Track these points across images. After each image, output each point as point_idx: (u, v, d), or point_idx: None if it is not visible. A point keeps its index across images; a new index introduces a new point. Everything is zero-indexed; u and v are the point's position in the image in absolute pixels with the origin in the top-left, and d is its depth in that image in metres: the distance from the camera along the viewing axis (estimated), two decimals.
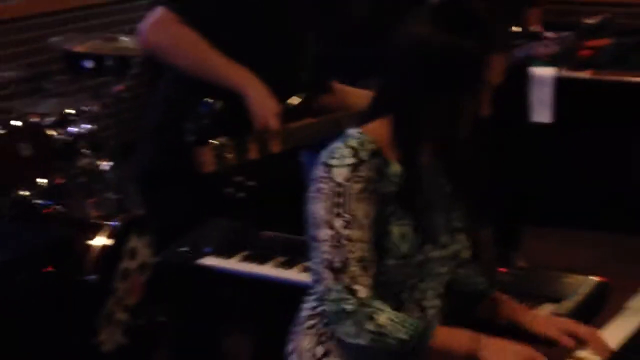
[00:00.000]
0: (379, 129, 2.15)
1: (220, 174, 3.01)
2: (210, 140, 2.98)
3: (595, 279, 2.63)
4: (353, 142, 2.11)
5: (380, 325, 2.07)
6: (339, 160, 2.09)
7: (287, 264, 2.82)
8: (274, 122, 3.05)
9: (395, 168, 2.13)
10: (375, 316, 2.07)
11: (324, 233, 2.09)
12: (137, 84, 5.23)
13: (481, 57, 2.07)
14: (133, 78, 5.59)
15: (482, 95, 2.13)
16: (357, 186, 2.07)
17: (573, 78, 5.59)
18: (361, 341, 2.08)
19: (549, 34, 4.71)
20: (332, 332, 2.18)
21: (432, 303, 2.24)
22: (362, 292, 2.07)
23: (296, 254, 2.80)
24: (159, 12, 3.13)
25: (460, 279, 2.37)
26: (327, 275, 2.08)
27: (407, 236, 2.13)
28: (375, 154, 2.11)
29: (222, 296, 3.07)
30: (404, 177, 2.12)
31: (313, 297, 2.24)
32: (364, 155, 2.09)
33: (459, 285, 2.37)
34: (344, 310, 2.07)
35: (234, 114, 3.06)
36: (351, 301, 2.07)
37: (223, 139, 3.00)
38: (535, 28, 4.62)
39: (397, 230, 2.12)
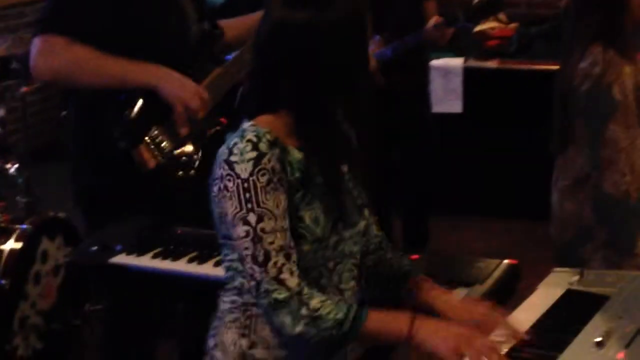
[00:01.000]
0: (272, 119, 2.14)
1: (162, 175, 3.02)
2: (145, 138, 3.00)
3: (506, 262, 2.67)
4: (250, 136, 2.09)
5: (314, 309, 2.07)
6: (239, 156, 2.07)
7: (201, 259, 2.81)
8: (195, 103, 3.06)
9: (296, 154, 2.13)
10: (308, 301, 2.07)
11: (240, 230, 2.07)
12: (44, 85, 5.13)
13: (364, 18, 2.11)
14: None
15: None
16: (263, 178, 2.07)
17: (480, 68, 5.69)
18: (299, 328, 2.06)
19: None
20: (257, 324, 2.17)
21: (349, 285, 2.24)
22: (290, 280, 2.07)
23: (210, 249, 2.79)
24: (43, 40, 3.08)
25: (385, 261, 2.38)
26: (254, 269, 2.07)
27: (319, 219, 2.13)
28: (274, 143, 2.10)
29: (138, 295, 3.04)
30: (307, 163, 2.13)
31: (232, 292, 2.22)
32: (263, 147, 2.08)
33: (385, 268, 2.38)
34: (276, 300, 2.06)
35: (155, 104, 3.07)
36: (282, 290, 2.06)
37: (152, 131, 3.01)
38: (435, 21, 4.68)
39: (309, 214, 2.12)
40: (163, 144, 3.06)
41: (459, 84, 5.63)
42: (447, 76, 5.63)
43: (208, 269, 2.77)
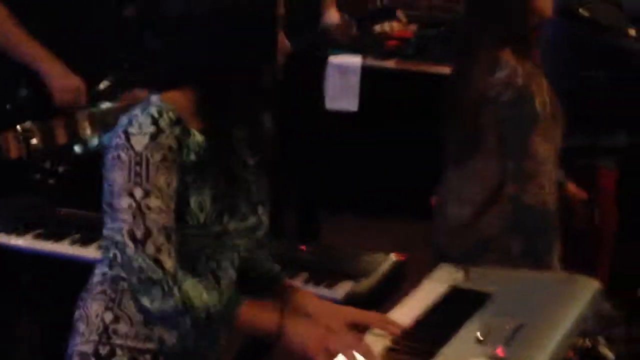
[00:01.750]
0: (179, 97, 2.11)
1: (28, 161, 2.95)
2: (16, 127, 2.93)
3: (393, 256, 2.67)
4: (153, 111, 2.06)
5: (185, 293, 2.04)
6: (138, 128, 2.04)
7: (84, 242, 2.74)
8: (69, 97, 3.01)
9: (197, 138, 2.09)
10: (180, 284, 2.04)
11: (124, 202, 2.03)
12: None
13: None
14: None
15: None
16: (157, 155, 2.03)
17: (378, 67, 5.71)
18: (167, 308, 2.03)
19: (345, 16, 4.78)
20: (123, 298, 2.14)
21: (227, 274, 2.21)
22: (167, 261, 2.04)
23: (94, 232, 2.72)
24: None
25: (256, 261, 2.36)
26: (130, 244, 2.03)
27: (205, 206, 2.10)
28: (176, 122, 2.07)
29: (14, 276, 2.96)
30: (206, 147, 2.09)
31: (104, 263, 2.17)
32: (163, 124, 2.05)
33: (254, 268, 2.35)
34: (149, 279, 2.03)
35: (41, 101, 3.02)
36: (157, 270, 2.02)
37: (27, 124, 2.94)
38: (331, 16, 4.69)
39: (195, 199, 2.09)
40: (32, 141, 2.99)
41: (356, 82, 5.63)
42: (344, 74, 5.63)
43: (91, 252, 2.71)
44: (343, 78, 5.64)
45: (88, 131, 3.07)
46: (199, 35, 2.09)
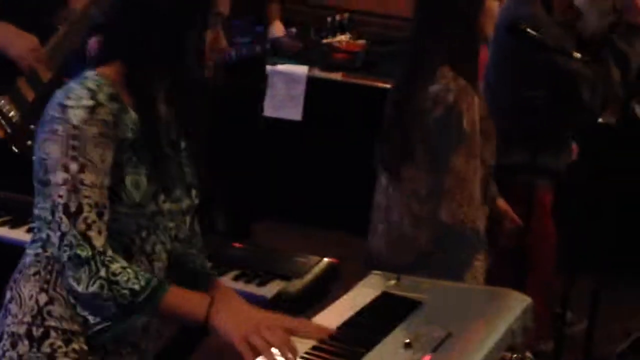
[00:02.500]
0: (112, 72, 2.08)
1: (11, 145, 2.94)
2: None
3: (327, 260, 2.66)
4: (91, 84, 2.03)
5: (113, 274, 2.00)
6: (75, 101, 2.00)
7: (13, 224, 2.69)
8: (31, 58, 3.03)
9: (132, 115, 2.06)
10: (109, 264, 2.00)
11: (59, 176, 1.99)
12: None
13: None
14: None
15: (212, 27, 2.11)
16: (94, 129, 1.99)
17: (324, 78, 5.71)
18: (93, 289, 1.99)
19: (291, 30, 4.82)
20: (57, 280, 2.09)
21: (161, 257, 2.18)
22: (97, 239, 2.00)
23: (23, 214, 2.67)
24: None
25: (187, 257, 2.32)
26: (62, 219, 1.99)
27: (141, 185, 2.07)
28: (114, 98, 2.04)
29: None
30: (139, 124, 2.06)
31: (37, 244, 2.13)
32: (101, 98, 2.02)
33: (185, 264, 2.32)
34: (78, 256, 1.98)
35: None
36: (86, 247, 1.99)
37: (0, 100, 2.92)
38: (276, 28, 4.72)
39: (132, 178, 2.06)
40: (11, 114, 2.97)
41: (301, 91, 5.62)
42: (290, 83, 5.62)
43: (20, 235, 2.66)
44: (288, 87, 5.63)
45: (48, 74, 3.07)
46: (130, 9, 2.08)
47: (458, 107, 2.86)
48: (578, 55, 3.08)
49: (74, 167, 1.99)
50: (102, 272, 1.99)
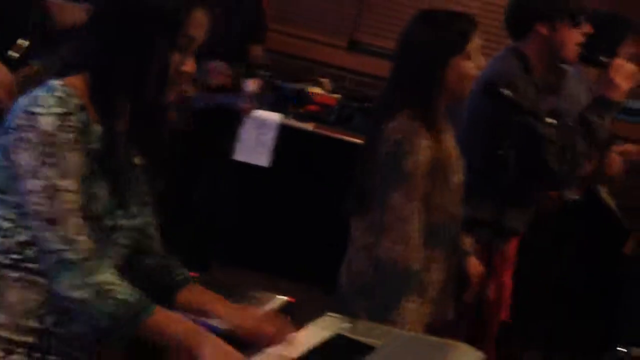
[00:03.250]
0: (80, 84, 2.06)
1: None
2: None
3: (282, 297, 2.63)
4: (60, 92, 2.01)
5: (104, 282, 1.97)
6: (45, 108, 1.98)
7: None
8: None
9: (97, 128, 2.05)
10: (99, 271, 1.98)
11: (35, 184, 1.97)
12: None
13: (179, 10, 2.04)
14: None
15: (181, 53, 2.08)
16: (68, 136, 1.98)
17: (296, 127, 5.71)
18: (84, 294, 1.96)
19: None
20: (6, 290, 2.05)
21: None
22: (84, 242, 1.98)
23: None
24: None
25: (159, 268, 2.30)
26: (43, 227, 1.97)
27: (101, 197, 2.05)
28: (82, 109, 2.02)
29: None
30: (102, 137, 2.05)
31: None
32: (71, 106, 2.00)
33: (158, 275, 2.30)
34: (67, 260, 1.96)
35: None
36: (74, 251, 1.96)
37: None
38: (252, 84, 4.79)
39: (93, 189, 2.04)
40: None
41: (271, 138, 5.62)
42: (261, 128, 5.61)
43: None
44: (258, 133, 5.63)
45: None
46: (103, 23, 2.07)
47: (404, 146, 2.89)
48: (551, 120, 3.10)
49: (51, 173, 1.96)
50: (93, 279, 1.97)
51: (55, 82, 2.04)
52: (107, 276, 1.99)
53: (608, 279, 4.79)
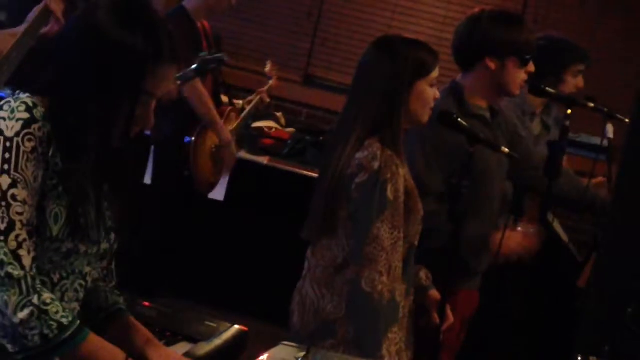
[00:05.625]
0: (43, 101, 2.02)
1: None
2: None
3: (236, 326, 2.60)
4: (27, 100, 1.98)
5: (44, 302, 1.92)
6: (9, 113, 1.95)
7: None
8: None
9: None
10: (40, 291, 1.93)
11: None
12: None
13: (148, 60, 2.00)
14: None
15: (142, 105, 2.04)
16: (29, 144, 1.93)
17: (251, 161, 5.70)
18: (22, 314, 1.90)
19: None
20: None
21: (71, 306, 2.10)
22: (26, 259, 1.92)
23: None
24: None
25: (98, 294, 2.25)
26: None
27: (60, 218, 2.00)
28: (47, 119, 1.98)
29: None
30: (62, 157, 2.00)
31: None
32: (37, 114, 1.96)
33: (96, 300, 2.25)
34: (9, 275, 1.90)
35: None
36: (17, 267, 1.90)
37: None
38: None
39: (52, 209, 1.99)
40: None
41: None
42: None
43: None
44: None
45: None
46: (76, 49, 2.03)
47: (382, 175, 2.87)
48: (506, 150, 3.11)
49: (5, 181, 1.91)
50: (35, 299, 1.91)
51: (22, 95, 2.00)
52: (46, 295, 1.94)
53: (563, 312, 4.80)
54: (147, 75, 2.01)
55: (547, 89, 3.67)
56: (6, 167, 1.92)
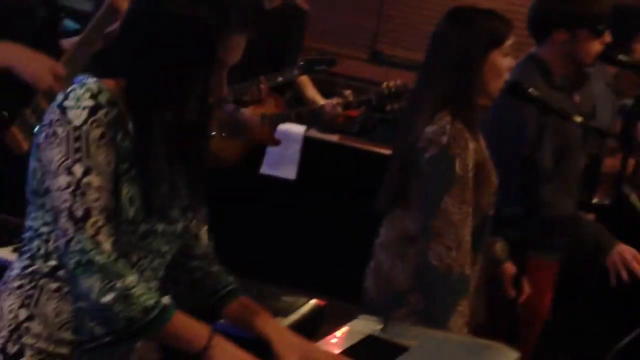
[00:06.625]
0: (115, 84, 2.03)
1: None
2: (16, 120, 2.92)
3: (314, 300, 2.62)
4: (92, 86, 1.98)
5: (128, 286, 1.93)
6: (75, 101, 1.95)
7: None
8: (49, 79, 2.98)
9: (131, 126, 2.01)
10: (123, 274, 1.94)
11: (62, 180, 1.92)
12: None
13: (217, 31, 2.00)
14: None
15: (215, 75, 2.04)
16: (97, 130, 1.94)
17: (321, 139, 5.71)
18: (106, 299, 1.91)
19: None
20: (41, 296, 2.03)
21: (151, 285, 2.11)
22: (107, 244, 1.93)
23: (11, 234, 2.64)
24: None
25: (210, 273, 2.29)
26: (69, 225, 1.92)
27: (135, 200, 2.01)
28: (114, 103, 1.99)
29: None
30: (137, 138, 2.01)
31: (25, 256, 2.07)
32: (102, 99, 1.97)
33: (209, 284, 2.28)
34: (91, 261, 1.91)
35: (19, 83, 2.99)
36: (99, 252, 1.92)
37: (24, 111, 2.92)
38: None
39: (127, 190, 2.00)
40: (35, 123, 2.97)
41: (296, 151, 5.61)
42: (286, 142, 5.60)
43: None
44: (284, 146, 5.61)
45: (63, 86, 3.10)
46: (142, 28, 2.03)
47: (451, 149, 2.87)
48: (579, 118, 3.08)
49: (78, 169, 1.92)
50: (118, 283, 1.92)
51: (89, 80, 2.02)
52: (129, 279, 1.95)
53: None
54: (218, 45, 2.01)
55: (620, 57, 3.63)
56: (78, 155, 1.93)
